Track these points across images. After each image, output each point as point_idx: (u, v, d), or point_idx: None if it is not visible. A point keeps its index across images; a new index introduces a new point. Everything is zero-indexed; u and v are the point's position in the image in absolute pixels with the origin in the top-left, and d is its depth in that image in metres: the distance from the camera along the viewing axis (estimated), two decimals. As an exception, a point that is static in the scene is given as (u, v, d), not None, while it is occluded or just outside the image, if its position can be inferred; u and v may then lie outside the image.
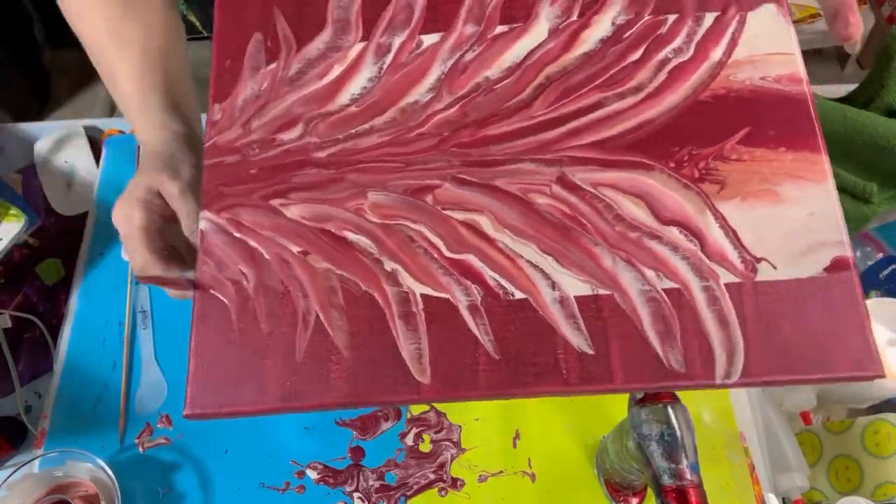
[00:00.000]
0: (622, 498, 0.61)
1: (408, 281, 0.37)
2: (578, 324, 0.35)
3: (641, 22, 0.41)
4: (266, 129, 0.42)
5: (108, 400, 0.65)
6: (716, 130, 0.38)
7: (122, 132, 0.81)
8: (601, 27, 0.41)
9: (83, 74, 1.59)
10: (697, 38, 0.40)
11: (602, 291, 0.35)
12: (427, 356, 0.35)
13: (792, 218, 0.36)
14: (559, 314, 0.35)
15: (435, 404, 0.65)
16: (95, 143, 0.80)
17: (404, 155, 0.40)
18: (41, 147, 0.79)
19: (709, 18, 0.40)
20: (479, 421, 0.65)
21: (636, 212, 0.37)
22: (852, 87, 0.76)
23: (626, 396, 0.50)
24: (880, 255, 0.75)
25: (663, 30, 0.40)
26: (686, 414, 0.46)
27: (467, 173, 0.39)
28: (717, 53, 0.39)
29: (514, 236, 0.37)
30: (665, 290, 0.35)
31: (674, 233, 0.36)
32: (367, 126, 0.41)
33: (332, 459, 0.63)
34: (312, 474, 0.62)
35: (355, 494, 0.61)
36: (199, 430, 0.64)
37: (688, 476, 0.44)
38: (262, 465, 0.63)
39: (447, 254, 0.37)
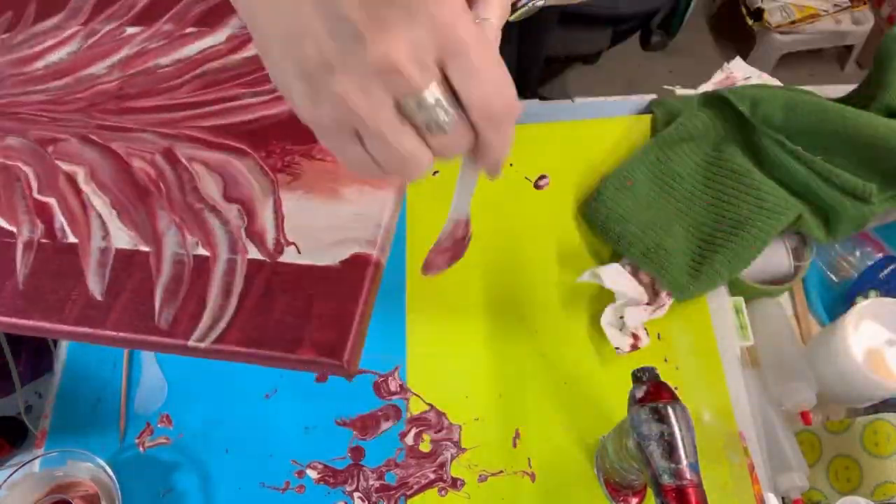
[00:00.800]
0: (622, 498, 0.61)
1: None
2: (104, 273, 0.39)
3: None
4: None
5: (109, 400, 0.65)
6: None
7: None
8: None
9: (83, 74, 1.59)
10: None
11: (143, 248, 0.40)
12: None
13: (339, 214, 0.39)
14: (94, 261, 0.40)
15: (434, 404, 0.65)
16: (96, 143, 0.80)
17: (55, 112, 0.45)
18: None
19: None
20: (478, 421, 0.65)
21: (211, 187, 0.41)
22: (852, 87, 0.76)
23: (626, 397, 0.50)
24: (880, 255, 0.75)
25: None
26: (686, 413, 0.46)
27: (95, 134, 0.44)
28: None
29: (97, 189, 0.42)
30: (195, 256, 0.39)
31: (233, 210, 0.40)
32: (43, 87, 0.47)
33: (332, 459, 0.63)
34: (312, 474, 0.62)
35: (355, 494, 0.61)
36: (199, 430, 0.64)
37: (687, 476, 0.44)
38: (262, 465, 0.63)
39: (36, 194, 0.42)
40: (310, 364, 0.35)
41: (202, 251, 0.39)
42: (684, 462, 0.44)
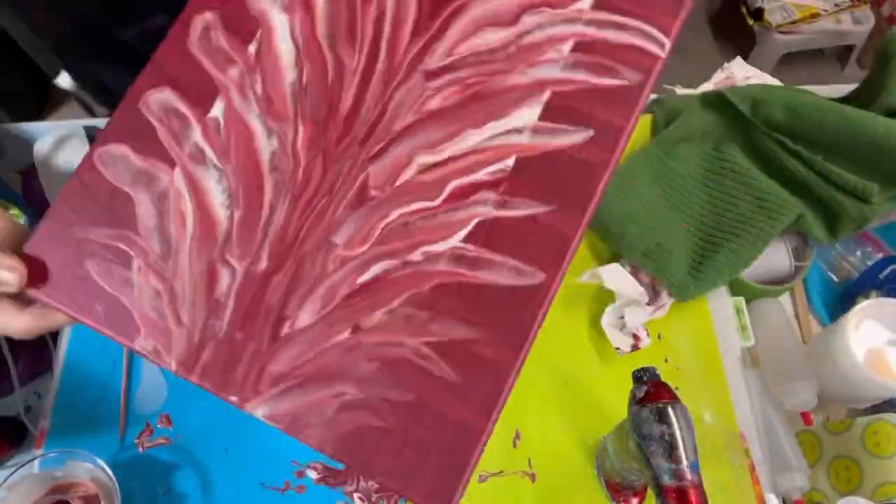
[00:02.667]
0: (622, 498, 0.61)
1: None
2: None
3: None
4: None
5: (108, 400, 0.65)
6: None
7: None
8: None
9: (83, 74, 1.59)
10: None
11: None
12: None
13: None
14: None
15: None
16: (95, 143, 0.80)
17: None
18: (41, 147, 0.79)
19: None
20: (479, 421, 0.65)
21: None
22: (852, 87, 0.76)
23: (627, 398, 0.50)
24: (880, 255, 0.75)
25: None
26: (686, 414, 0.46)
27: None
28: None
29: None
30: None
31: None
32: None
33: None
34: (312, 474, 0.62)
35: (355, 494, 0.61)
36: (199, 430, 0.64)
37: (688, 476, 0.44)
38: (262, 465, 0.63)
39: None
40: None
41: None
42: (685, 462, 0.44)
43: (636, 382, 0.49)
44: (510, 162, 0.35)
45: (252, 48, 0.37)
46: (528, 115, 0.35)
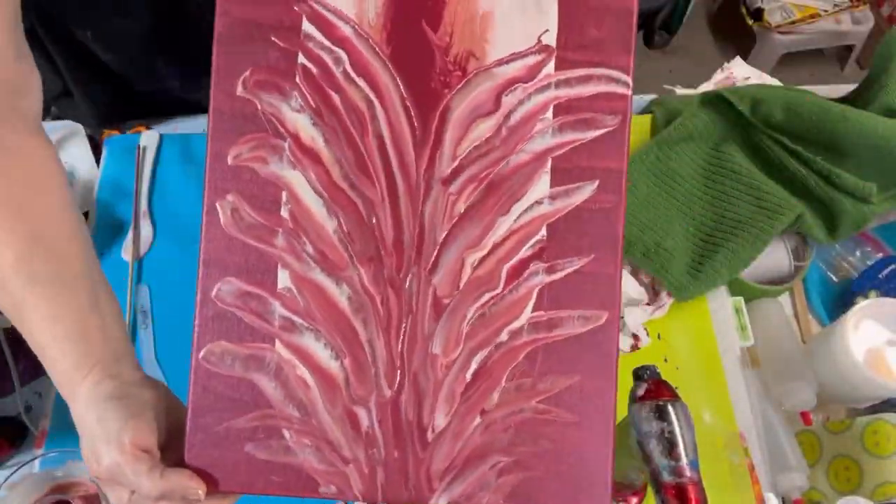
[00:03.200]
0: (622, 497, 0.61)
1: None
2: None
3: None
4: None
5: (109, 399, 0.65)
6: None
7: (121, 132, 0.81)
8: None
9: (83, 75, 1.59)
10: None
11: None
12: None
13: None
14: None
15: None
16: (95, 143, 0.81)
17: None
18: (41, 147, 0.79)
19: None
20: (478, 420, 0.65)
21: None
22: (852, 87, 0.76)
23: (626, 394, 0.50)
24: (880, 255, 0.75)
25: None
26: (686, 411, 0.46)
27: None
28: None
29: None
30: None
31: None
32: None
33: (332, 459, 0.63)
34: (312, 474, 0.62)
35: (355, 494, 0.61)
36: (200, 429, 0.64)
37: (687, 473, 0.44)
38: (263, 465, 0.62)
39: None
40: None
41: None
42: (684, 460, 0.44)
43: (636, 380, 0.49)
44: (543, 231, 0.39)
45: (285, 213, 0.39)
46: (541, 186, 0.39)
